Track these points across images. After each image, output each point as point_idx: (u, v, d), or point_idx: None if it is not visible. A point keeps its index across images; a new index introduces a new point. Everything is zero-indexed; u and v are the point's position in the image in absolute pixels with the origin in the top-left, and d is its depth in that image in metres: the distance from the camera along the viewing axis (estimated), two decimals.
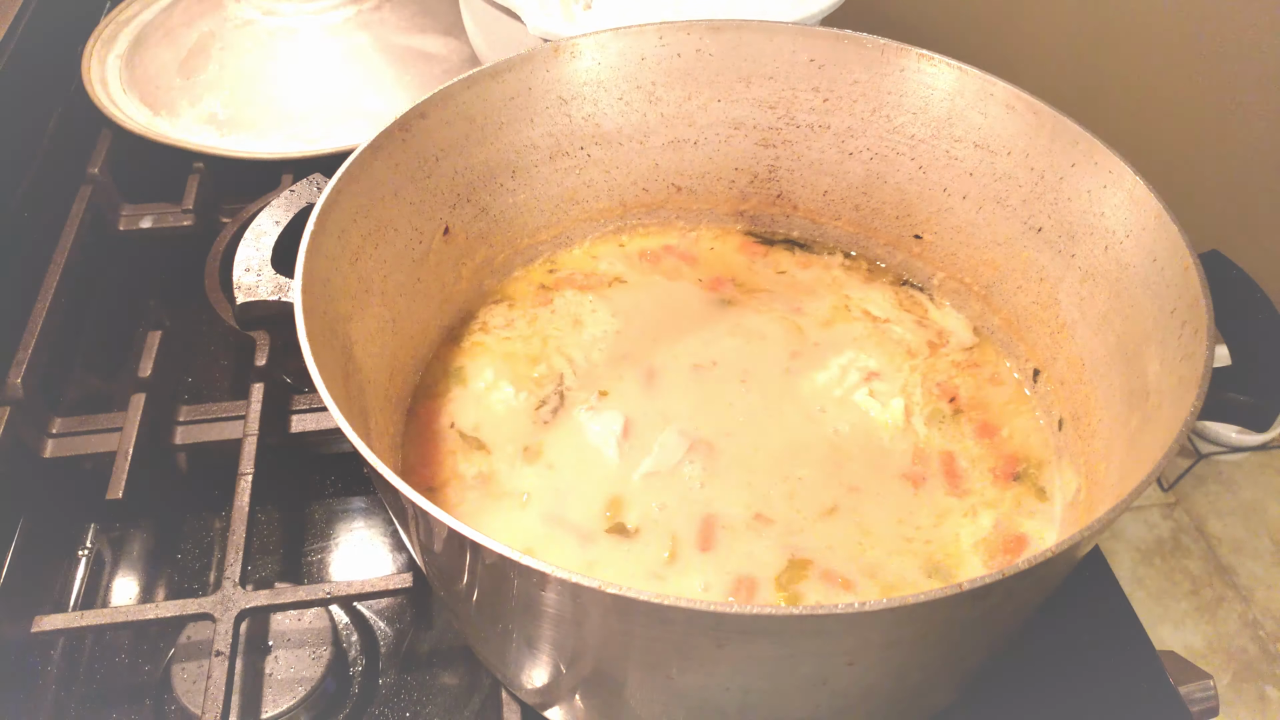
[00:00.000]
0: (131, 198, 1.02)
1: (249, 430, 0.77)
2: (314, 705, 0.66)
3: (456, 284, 0.77)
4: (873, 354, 0.74)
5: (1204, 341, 0.52)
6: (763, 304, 0.78)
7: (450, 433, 0.69)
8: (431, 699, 0.68)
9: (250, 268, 0.63)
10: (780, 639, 0.45)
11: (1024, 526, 0.64)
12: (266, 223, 0.67)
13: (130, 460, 0.75)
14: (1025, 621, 0.56)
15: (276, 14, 1.12)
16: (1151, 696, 0.68)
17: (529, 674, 0.58)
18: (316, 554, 0.77)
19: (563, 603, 0.46)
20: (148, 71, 1.12)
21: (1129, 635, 0.71)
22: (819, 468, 0.66)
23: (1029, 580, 0.45)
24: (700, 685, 0.50)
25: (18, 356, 0.80)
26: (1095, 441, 0.64)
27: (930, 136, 0.75)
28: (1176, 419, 0.49)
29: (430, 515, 0.45)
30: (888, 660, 0.48)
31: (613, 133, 0.79)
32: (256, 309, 0.62)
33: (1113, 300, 0.64)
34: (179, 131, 1.06)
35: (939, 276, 0.80)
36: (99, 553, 0.77)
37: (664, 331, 0.75)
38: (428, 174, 0.71)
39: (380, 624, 0.72)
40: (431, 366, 0.74)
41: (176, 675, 0.67)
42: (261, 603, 0.67)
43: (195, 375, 0.90)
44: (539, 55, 0.74)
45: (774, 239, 0.85)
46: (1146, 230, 0.61)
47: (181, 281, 0.97)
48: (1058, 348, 0.70)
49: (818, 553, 0.61)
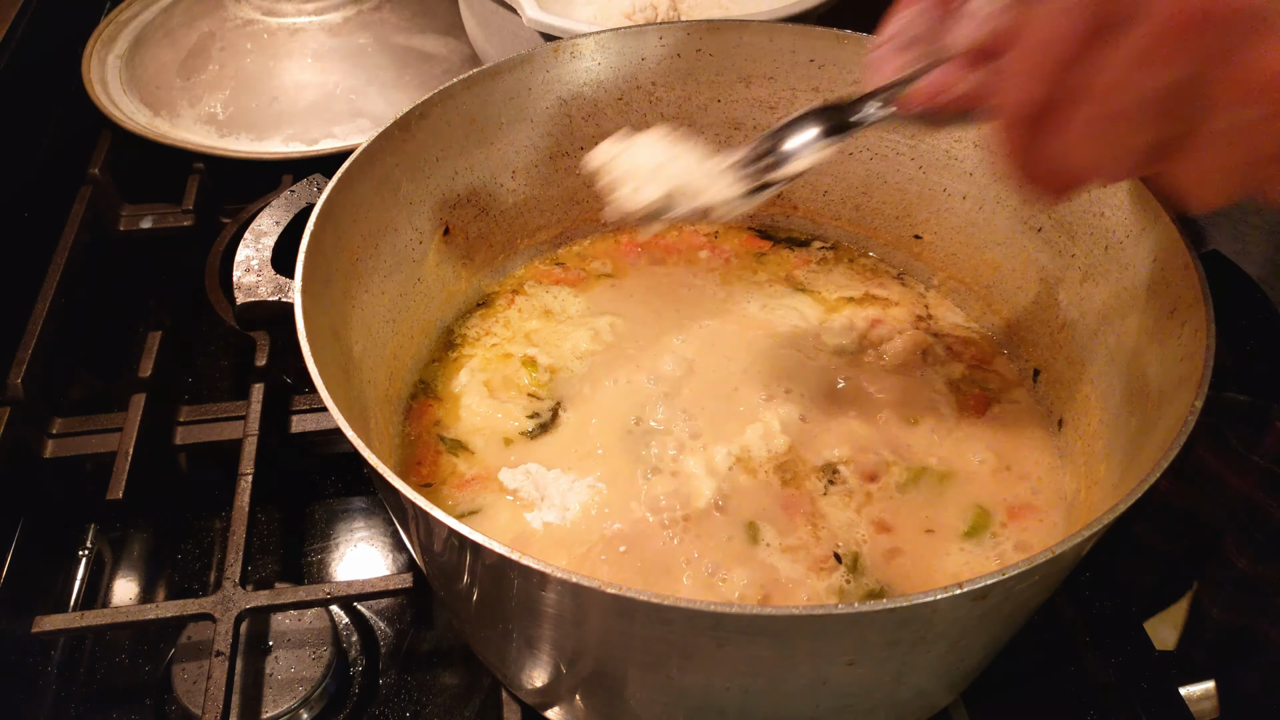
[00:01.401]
0: (131, 198, 1.02)
1: (249, 430, 0.77)
2: (314, 705, 0.66)
3: (456, 284, 0.77)
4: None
5: (1204, 341, 0.52)
6: (763, 301, 0.78)
7: (448, 433, 0.69)
8: (431, 699, 0.68)
9: (250, 268, 0.63)
10: (780, 639, 0.45)
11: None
12: (266, 223, 0.67)
13: (130, 460, 0.75)
14: (1025, 621, 0.56)
15: (276, 14, 1.12)
16: (1151, 696, 0.68)
17: (529, 674, 0.58)
18: (316, 554, 0.77)
19: (563, 603, 0.46)
20: (148, 71, 1.12)
21: (1129, 635, 0.71)
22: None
23: (1029, 580, 0.45)
24: (700, 685, 0.50)
25: (18, 356, 0.80)
26: (1095, 441, 0.64)
27: (930, 137, 0.75)
28: (1176, 419, 0.49)
29: (430, 515, 0.45)
30: (888, 660, 0.48)
31: (612, 133, 0.79)
32: (256, 309, 0.62)
33: (1113, 300, 0.64)
34: (179, 131, 1.06)
35: (939, 276, 0.80)
36: (99, 553, 0.77)
37: (664, 330, 0.75)
38: (428, 174, 0.71)
39: (380, 624, 0.72)
40: (431, 367, 0.74)
41: (177, 675, 0.67)
42: (262, 603, 0.67)
43: (195, 375, 0.90)
44: (539, 55, 0.74)
45: (777, 236, 0.85)
46: (1146, 230, 0.61)
47: (181, 281, 0.97)
48: (1058, 348, 0.70)
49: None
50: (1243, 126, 0.39)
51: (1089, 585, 0.73)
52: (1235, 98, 0.38)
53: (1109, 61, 0.40)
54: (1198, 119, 0.40)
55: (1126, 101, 0.40)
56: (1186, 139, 0.40)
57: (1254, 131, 0.39)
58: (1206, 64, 0.38)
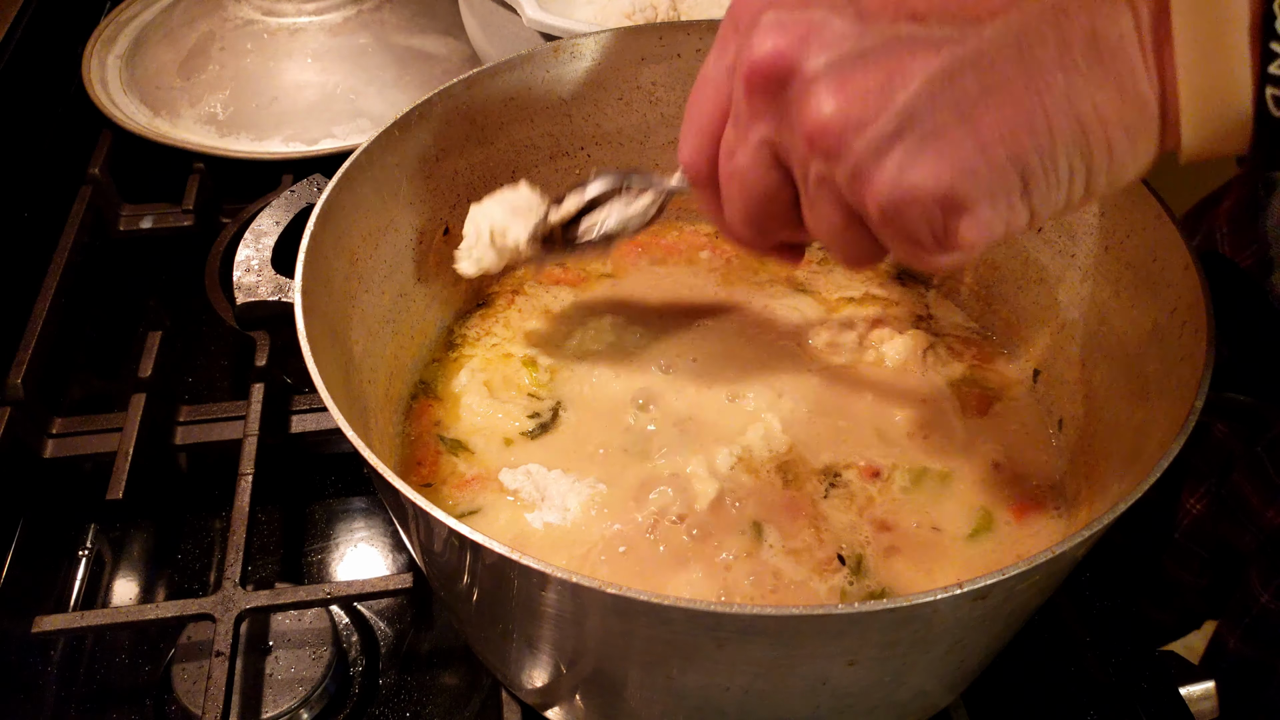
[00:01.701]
0: (131, 198, 1.02)
1: (249, 430, 0.77)
2: (314, 705, 0.66)
3: (456, 284, 0.77)
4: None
5: (1204, 341, 0.52)
6: (763, 301, 0.78)
7: (448, 433, 0.69)
8: (431, 699, 0.68)
9: (250, 268, 0.63)
10: (780, 639, 0.45)
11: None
12: (266, 223, 0.67)
13: (130, 460, 0.75)
14: (1025, 621, 0.56)
15: (276, 14, 1.12)
16: (1151, 696, 0.68)
17: (529, 674, 0.58)
18: (316, 554, 0.77)
19: (563, 603, 0.46)
20: (148, 72, 1.12)
21: (1129, 635, 0.71)
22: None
23: (1029, 580, 0.45)
24: (700, 685, 0.50)
25: (18, 356, 0.80)
26: (1095, 441, 0.64)
27: None
28: (1176, 419, 0.49)
29: (430, 515, 0.45)
30: (888, 660, 0.48)
31: (613, 133, 0.79)
32: (256, 309, 0.62)
33: (1113, 300, 0.64)
34: (179, 131, 1.06)
35: (939, 276, 0.80)
36: (99, 553, 0.77)
37: (664, 331, 0.75)
38: (428, 174, 0.71)
39: (380, 624, 0.72)
40: (431, 367, 0.74)
41: (177, 675, 0.67)
42: (262, 603, 0.67)
43: (195, 375, 0.90)
44: (539, 55, 0.74)
45: None
46: (1146, 230, 0.61)
47: (181, 281, 0.97)
48: (1058, 348, 0.70)
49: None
50: (816, 180, 0.40)
51: (1089, 585, 0.73)
52: (799, 154, 0.40)
53: (728, 130, 0.44)
54: (798, 175, 0.42)
55: (738, 162, 0.43)
56: (803, 197, 0.42)
57: (827, 187, 0.40)
58: (778, 124, 0.41)
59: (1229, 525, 0.83)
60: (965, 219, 0.38)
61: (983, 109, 0.36)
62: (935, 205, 0.37)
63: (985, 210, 0.37)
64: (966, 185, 0.37)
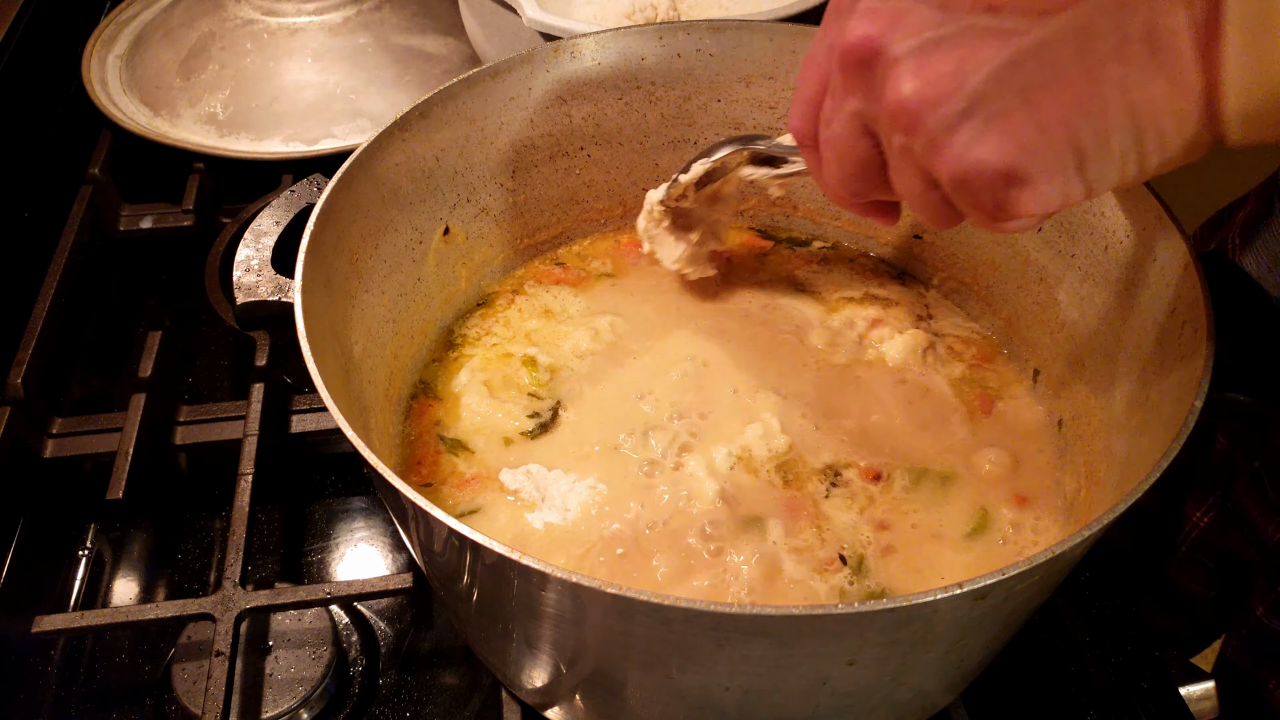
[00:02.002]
0: (131, 198, 1.02)
1: (249, 430, 0.77)
2: (314, 705, 0.66)
3: (456, 284, 0.77)
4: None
5: (1204, 341, 0.52)
6: (763, 300, 0.78)
7: (448, 433, 0.69)
8: (431, 699, 0.68)
9: (250, 268, 0.63)
10: (780, 639, 0.45)
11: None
12: (266, 223, 0.67)
13: (130, 460, 0.75)
14: (1025, 621, 0.56)
15: (276, 14, 1.12)
16: (1151, 696, 0.68)
17: (529, 674, 0.58)
18: (316, 554, 0.77)
19: (563, 602, 0.46)
20: (148, 71, 1.12)
21: (1129, 635, 0.71)
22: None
23: (1029, 580, 0.45)
24: (700, 685, 0.50)
25: (18, 356, 0.80)
26: (1095, 441, 0.64)
27: None
28: (1176, 419, 0.49)
29: (430, 515, 0.45)
30: (888, 660, 0.48)
31: (613, 133, 0.79)
32: (256, 309, 0.62)
33: (1113, 300, 0.64)
34: (179, 131, 1.06)
35: (939, 276, 0.80)
36: (99, 553, 0.77)
37: (664, 330, 0.75)
38: (428, 174, 0.71)
39: (380, 624, 0.72)
40: (431, 367, 0.74)
41: (177, 675, 0.67)
42: (261, 603, 0.67)
43: (195, 375, 0.90)
44: (539, 55, 0.74)
45: (778, 236, 0.85)
46: (1146, 230, 0.61)
47: (181, 281, 0.97)
48: (1058, 348, 0.70)
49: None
50: (899, 150, 0.45)
51: (1089, 585, 0.73)
52: (884, 126, 0.45)
53: (826, 101, 0.49)
54: (885, 144, 0.47)
55: (834, 130, 0.49)
56: (889, 163, 0.47)
57: (908, 156, 0.45)
58: (866, 98, 0.46)
59: (1235, 538, 0.83)
60: (1025, 191, 0.41)
61: (1044, 94, 0.40)
62: (998, 178, 0.41)
63: (1043, 184, 0.41)
64: (1026, 161, 0.41)
